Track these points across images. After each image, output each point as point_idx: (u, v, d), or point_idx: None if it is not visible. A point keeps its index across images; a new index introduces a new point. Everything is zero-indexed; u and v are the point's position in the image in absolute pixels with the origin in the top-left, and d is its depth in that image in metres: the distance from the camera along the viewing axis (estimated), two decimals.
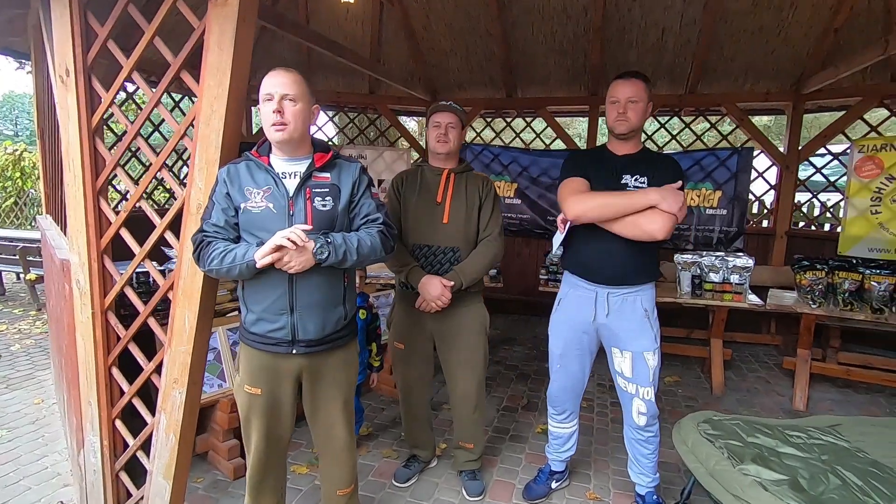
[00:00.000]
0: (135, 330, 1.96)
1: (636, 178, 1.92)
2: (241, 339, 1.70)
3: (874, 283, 2.96)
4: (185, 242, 1.73)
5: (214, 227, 1.56)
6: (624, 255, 1.92)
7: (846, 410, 3.29)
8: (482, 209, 2.13)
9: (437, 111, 2.10)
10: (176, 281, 1.79)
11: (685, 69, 4.59)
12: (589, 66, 4.77)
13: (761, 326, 4.58)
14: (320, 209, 1.58)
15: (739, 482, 1.66)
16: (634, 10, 4.22)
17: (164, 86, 1.73)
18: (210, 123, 1.65)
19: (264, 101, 1.54)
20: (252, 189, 1.56)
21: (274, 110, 1.51)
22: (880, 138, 4.10)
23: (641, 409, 2.02)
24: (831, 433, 2.08)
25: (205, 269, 1.55)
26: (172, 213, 1.80)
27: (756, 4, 3.94)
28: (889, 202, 4.04)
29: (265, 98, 1.54)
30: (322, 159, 1.63)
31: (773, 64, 4.32)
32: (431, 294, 2.03)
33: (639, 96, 1.92)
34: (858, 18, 3.83)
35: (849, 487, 1.67)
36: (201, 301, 1.77)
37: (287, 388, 1.68)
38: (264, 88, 1.55)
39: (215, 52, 1.61)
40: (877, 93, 4.08)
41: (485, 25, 4.67)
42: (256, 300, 1.60)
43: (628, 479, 2.50)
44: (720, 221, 4.65)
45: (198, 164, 1.69)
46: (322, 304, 1.62)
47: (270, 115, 1.52)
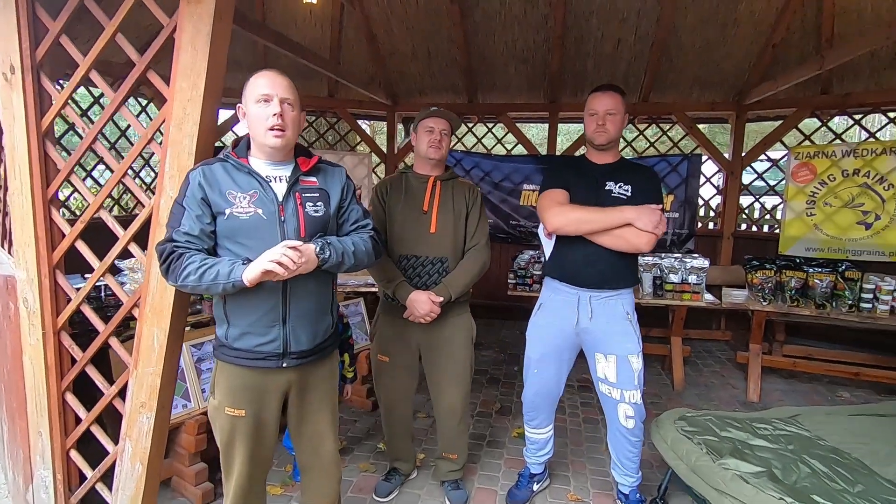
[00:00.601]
0: (94, 351, 1.80)
1: (619, 185, 1.98)
2: (220, 357, 1.58)
3: (817, 281, 3.19)
4: (153, 256, 1.61)
5: (186, 237, 1.42)
6: (607, 260, 1.97)
7: (793, 399, 3.53)
8: (469, 218, 2.11)
9: (429, 116, 2.03)
10: (143, 296, 1.66)
11: (639, 79, 4.79)
12: (548, 74, 4.88)
13: (712, 323, 4.85)
14: (313, 215, 1.51)
15: (721, 476, 1.73)
16: (592, 22, 4.36)
17: (129, 86, 1.61)
18: (183, 128, 1.55)
19: (258, 102, 1.45)
20: (236, 193, 1.46)
21: (275, 113, 1.43)
22: (813, 146, 4.45)
23: (629, 412, 2.05)
24: (793, 423, 2.21)
25: (176, 283, 1.42)
26: (139, 223, 1.67)
27: (703, 20, 4.17)
28: (822, 205, 4.38)
29: (260, 99, 1.45)
30: (307, 163, 1.57)
31: (718, 76, 4.59)
32: (420, 311, 1.99)
33: (616, 108, 1.98)
34: (793, 36, 4.14)
35: (817, 475, 1.78)
36: (172, 318, 1.65)
37: (273, 406, 1.59)
38: (259, 89, 1.45)
39: (188, 51, 1.51)
40: (809, 104, 4.43)
41: (447, 31, 4.68)
42: (243, 313, 1.50)
43: (606, 479, 2.57)
44: (673, 224, 4.88)
45: (168, 171, 1.57)
46: (314, 313, 1.56)
47: (269, 118, 1.44)
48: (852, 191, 4.25)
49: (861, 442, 2.05)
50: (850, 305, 3.12)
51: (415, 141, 2.11)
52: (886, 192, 4.12)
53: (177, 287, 1.46)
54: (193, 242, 1.43)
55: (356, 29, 4.79)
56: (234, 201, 1.45)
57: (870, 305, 3.09)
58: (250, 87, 1.48)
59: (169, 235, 1.43)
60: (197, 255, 1.41)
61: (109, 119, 1.67)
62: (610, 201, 1.96)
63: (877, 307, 3.08)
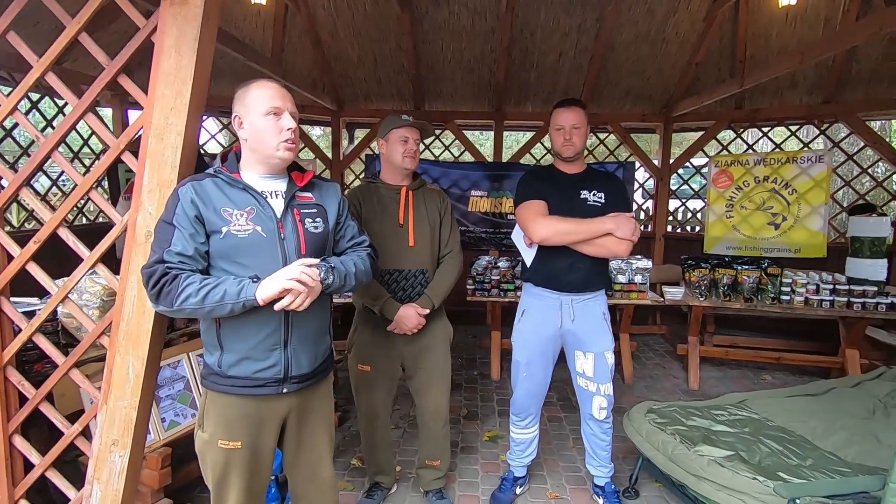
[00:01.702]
0: (49, 388, 1.60)
1: (594, 192, 2.10)
2: (210, 387, 1.45)
3: (745, 277, 3.56)
4: (129, 277, 1.47)
5: (180, 258, 1.31)
6: (587, 266, 2.09)
7: (726, 384, 3.89)
8: (442, 226, 2.13)
9: (403, 126, 2.00)
10: (115, 323, 1.51)
11: (578, 90, 5.06)
12: (494, 84, 5.02)
13: (648, 318, 5.22)
14: (313, 231, 1.46)
15: (698, 463, 1.88)
16: (537, 35, 4.55)
17: (96, 92, 1.46)
18: (164, 138, 1.43)
19: (267, 115, 1.37)
20: (231, 210, 1.37)
21: (290, 128, 1.39)
22: (730, 155, 4.95)
23: (602, 404, 2.18)
24: (744, 408, 2.45)
25: (171, 308, 1.30)
26: (108, 242, 1.52)
27: (637, 37, 4.50)
28: (739, 208, 4.88)
29: (269, 111, 1.37)
30: (302, 178, 1.51)
31: (649, 90, 4.97)
32: (409, 325, 2.00)
33: (581, 122, 2.10)
34: (712, 56, 4.58)
35: (775, 453, 1.99)
36: (150, 345, 1.52)
37: (272, 435, 1.51)
38: (268, 101, 1.38)
39: (172, 57, 1.40)
40: (726, 118, 4.92)
41: (395, 38, 4.67)
42: (240, 338, 1.40)
43: (579, 474, 2.69)
44: None
45: (147, 185, 1.45)
46: (315, 334, 1.50)
47: (284, 132, 1.38)
48: (763, 195, 4.78)
49: (800, 420, 2.32)
50: (773, 298, 3.51)
51: (384, 149, 2.04)
52: (791, 196, 4.68)
53: (169, 312, 1.34)
54: (187, 263, 1.32)
55: (300, 32, 4.63)
56: (231, 219, 1.36)
57: (788, 297, 3.49)
58: (255, 98, 1.39)
59: (159, 257, 1.31)
60: (195, 276, 1.31)
61: (71, 129, 1.50)
62: (586, 209, 2.07)
63: (794, 299, 3.48)
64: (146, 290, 1.31)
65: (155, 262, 1.31)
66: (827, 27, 4.11)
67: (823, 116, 4.61)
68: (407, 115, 2.03)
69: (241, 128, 1.41)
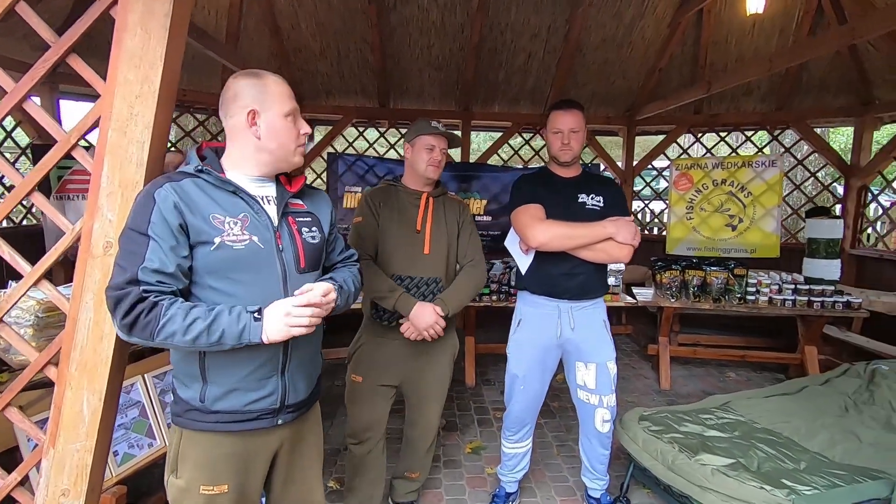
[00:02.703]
0: None
1: (592, 196, 2.02)
2: (187, 425, 1.24)
3: (714, 279, 3.64)
4: (83, 296, 1.24)
5: (158, 276, 1.09)
6: (586, 272, 2.01)
7: (694, 383, 3.98)
8: (460, 235, 2.04)
9: (431, 133, 1.89)
10: (65, 351, 1.26)
11: (545, 92, 5.05)
12: (461, 83, 4.91)
13: (613, 318, 5.29)
14: (311, 242, 1.30)
15: (702, 473, 1.85)
16: (507, 35, 4.48)
17: (40, 76, 1.21)
18: (127, 132, 1.21)
19: (287, 116, 1.24)
20: (222, 217, 1.16)
21: (305, 132, 1.29)
22: (690, 159, 5.10)
23: (605, 416, 2.10)
24: (729, 410, 2.47)
25: (150, 341, 1.08)
26: (56, 254, 1.27)
27: (604, 41, 4.53)
28: (698, 210, 5.04)
29: (290, 113, 1.25)
30: (295, 183, 1.34)
31: (614, 93, 5.03)
32: (424, 323, 1.85)
33: (579, 126, 2.03)
34: (675, 62, 4.69)
35: (771, 458, 1.99)
36: (110, 377, 1.28)
37: (260, 473, 1.32)
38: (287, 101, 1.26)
39: (138, 35, 1.19)
40: (685, 122, 5.07)
41: (360, 32, 4.46)
42: (229, 368, 1.20)
43: (567, 484, 2.62)
44: None
45: (106, 186, 1.22)
46: (310, 357, 1.35)
47: (300, 137, 1.28)
48: (721, 198, 4.96)
49: (783, 421, 2.36)
50: (740, 298, 3.61)
51: (409, 154, 1.96)
52: (746, 199, 4.87)
53: (148, 346, 1.12)
54: (167, 283, 1.10)
55: (258, 19, 4.33)
56: (224, 227, 1.16)
57: (754, 297, 3.60)
58: (276, 95, 1.22)
59: (131, 276, 1.07)
60: (177, 306, 1.09)
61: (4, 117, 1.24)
62: (584, 213, 2.00)
63: (759, 299, 3.60)
64: (114, 319, 1.09)
65: (126, 282, 1.07)
66: (781, 37, 4.30)
67: (775, 123, 4.83)
68: (437, 123, 1.92)
69: (255, 124, 1.21)
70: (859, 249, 4.34)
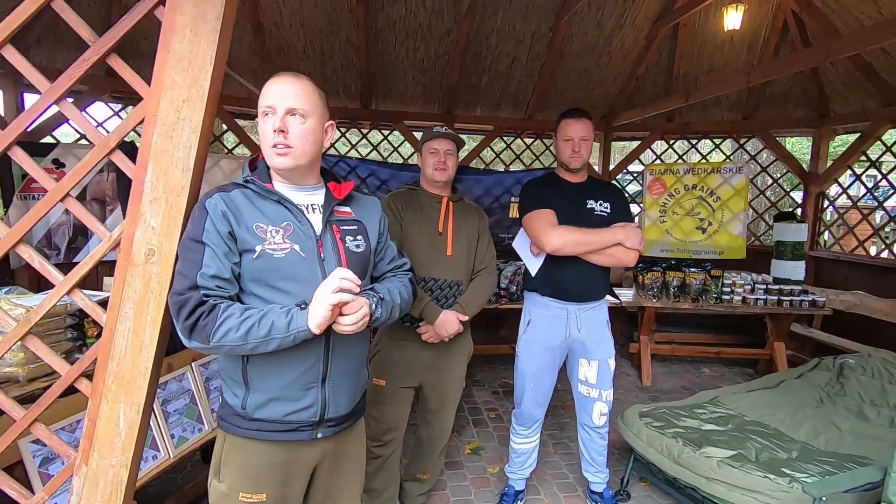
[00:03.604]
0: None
1: (599, 202, 2.11)
2: (231, 430, 1.25)
3: (692, 280, 3.84)
4: (122, 307, 1.20)
5: (216, 282, 1.12)
6: (594, 275, 2.10)
7: (673, 379, 4.17)
8: (479, 241, 2.09)
9: (433, 138, 1.97)
10: (101, 363, 1.22)
11: (527, 96, 5.15)
12: (445, 86, 4.94)
13: None
14: (354, 251, 1.28)
15: (708, 465, 1.96)
16: (492, 39, 4.54)
17: (77, 76, 1.16)
18: (174, 136, 1.18)
19: (264, 116, 1.19)
20: (265, 226, 1.17)
21: (275, 129, 1.17)
22: (663, 164, 5.33)
23: (603, 410, 2.20)
24: (719, 405, 2.61)
25: (207, 344, 1.09)
26: (92, 263, 1.22)
27: (585, 49, 4.67)
28: (671, 213, 5.26)
29: (265, 112, 1.19)
30: (341, 190, 1.33)
31: (592, 99, 5.19)
32: (449, 331, 1.93)
33: (589, 134, 2.11)
34: (650, 71, 4.89)
35: (765, 448, 2.13)
36: (148, 390, 1.25)
37: (300, 486, 1.31)
38: (264, 99, 1.20)
39: (187, 38, 1.16)
40: (659, 129, 5.29)
41: (346, 32, 4.42)
42: (272, 375, 1.20)
43: (567, 480, 2.71)
44: None
45: (150, 192, 1.18)
46: (354, 370, 1.33)
47: (270, 135, 1.18)
48: (692, 202, 5.19)
49: (769, 413, 2.52)
50: (716, 298, 3.81)
51: (421, 162, 2.04)
52: (715, 203, 5.13)
53: (204, 349, 1.11)
54: (224, 288, 1.13)
55: (241, 16, 4.20)
56: (266, 236, 1.16)
57: (729, 297, 3.81)
58: (260, 98, 1.22)
59: (191, 282, 1.10)
60: (234, 307, 1.10)
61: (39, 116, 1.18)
62: (593, 218, 2.08)
63: (733, 298, 3.82)
64: (177, 323, 1.10)
65: (188, 288, 1.09)
66: (749, 53, 4.57)
67: (741, 132, 5.12)
68: (440, 127, 1.98)
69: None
70: (817, 251, 4.66)
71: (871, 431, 2.32)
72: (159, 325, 1.22)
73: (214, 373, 2.35)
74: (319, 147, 1.26)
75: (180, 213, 1.20)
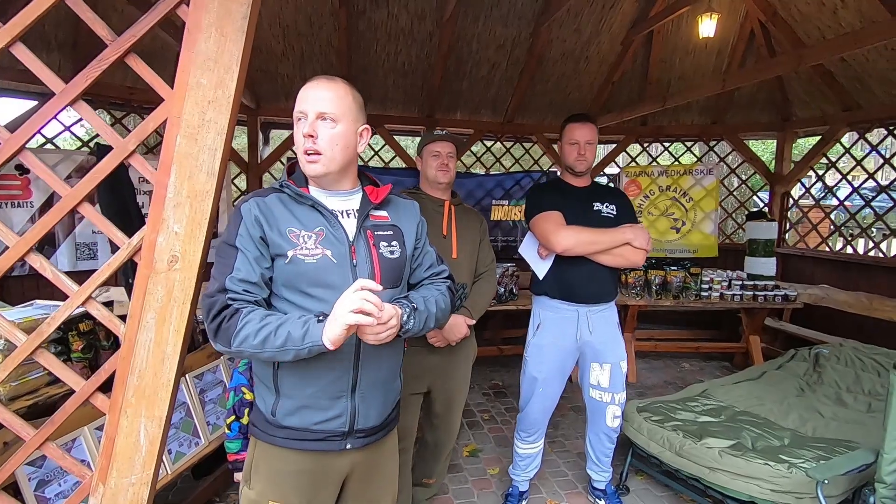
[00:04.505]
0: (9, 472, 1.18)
1: (606, 205, 2.15)
2: (261, 437, 1.23)
3: (673, 277, 3.96)
4: (143, 316, 1.15)
5: (244, 285, 1.10)
6: (604, 276, 2.13)
7: (656, 375, 4.29)
8: (481, 244, 2.11)
9: (435, 141, 1.98)
10: (120, 376, 1.16)
11: (506, 101, 5.21)
12: (427, 90, 4.96)
13: None
14: (388, 257, 1.26)
15: (711, 455, 2.03)
16: (473, 44, 4.59)
17: (94, 76, 1.11)
18: (198, 139, 1.14)
19: (297, 121, 1.18)
20: (298, 231, 1.16)
21: (305, 134, 1.15)
22: (638, 167, 5.50)
23: (616, 412, 2.23)
24: (709, 397, 2.71)
25: (228, 349, 1.08)
26: (110, 271, 1.17)
27: (563, 54, 4.78)
28: (647, 214, 5.43)
29: (298, 118, 1.18)
30: (378, 194, 1.30)
31: (569, 104, 5.30)
32: (458, 335, 1.95)
33: (594, 138, 2.16)
34: (626, 77, 5.04)
35: (759, 437, 2.22)
36: (171, 402, 1.20)
37: (330, 496, 1.28)
38: (298, 104, 1.18)
39: (213, 37, 1.13)
40: (633, 133, 5.45)
41: (326, 35, 4.37)
42: (301, 382, 1.18)
43: (567, 478, 2.74)
44: None
45: (173, 197, 1.14)
46: (385, 381, 1.29)
47: (301, 140, 1.17)
48: (666, 203, 5.39)
49: (757, 403, 2.63)
50: (696, 295, 3.96)
51: (420, 166, 2.04)
52: (688, 203, 5.33)
53: (228, 353, 1.08)
54: (251, 293, 1.11)
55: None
56: (298, 241, 1.15)
57: (707, 294, 3.96)
58: (296, 102, 1.20)
59: (220, 284, 1.09)
60: (256, 312, 1.08)
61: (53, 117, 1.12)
62: (600, 220, 2.12)
63: (712, 294, 3.97)
64: (205, 324, 1.09)
65: (217, 290, 1.09)
66: (717, 59, 4.78)
67: (711, 135, 5.34)
68: (441, 130, 2.01)
69: None
70: (784, 248, 4.90)
71: (852, 417, 2.45)
72: (182, 335, 1.18)
73: (209, 384, 2.29)
74: (352, 152, 1.23)
75: (205, 218, 1.16)
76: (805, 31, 3.99)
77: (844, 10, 3.59)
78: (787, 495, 1.84)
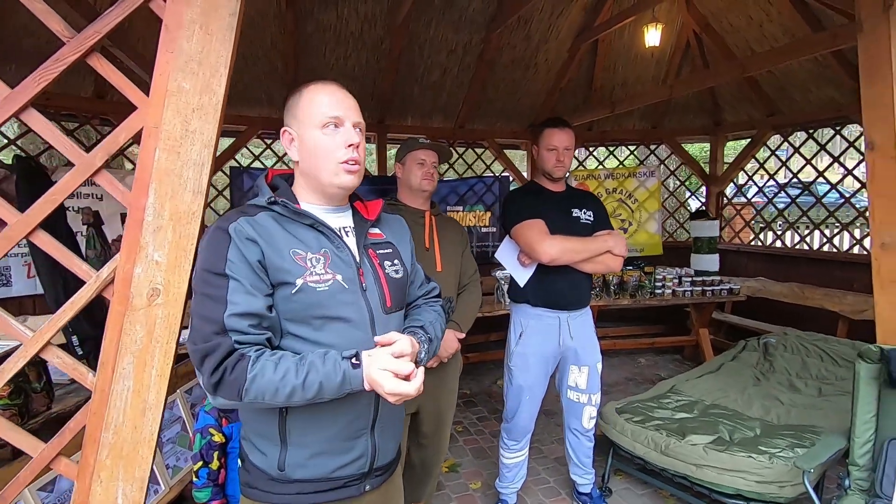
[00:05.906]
0: None
1: (584, 211, 2.16)
2: (259, 497, 1.06)
3: (629, 277, 4.10)
4: (119, 362, 0.98)
5: (249, 321, 0.93)
6: (583, 283, 2.15)
7: (616, 371, 4.42)
8: (464, 255, 2.04)
9: (420, 148, 1.89)
10: (90, 437, 0.98)
11: (457, 106, 5.20)
12: (377, 95, 4.83)
13: None
14: (394, 277, 1.16)
15: (696, 452, 2.07)
16: (425, 48, 4.53)
17: (49, 80, 0.93)
18: (181, 152, 0.99)
19: (324, 127, 1.05)
20: (304, 254, 1.02)
21: (352, 143, 1.05)
22: (586, 170, 5.67)
23: (591, 413, 2.25)
24: (679, 393, 2.80)
25: (238, 402, 0.91)
26: (73, 312, 0.98)
27: (514, 61, 4.83)
28: None
29: (328, 122, 1.05)
30: (371, 209, 1.20)
31: (519, 109, 5.38)
32: (449, 351, 1.89)
33: (572, 144, 2.17)
34: (571, 83, 5.18)
35: (734, 428, 2.31)
36: (154, 461, 1.03)
37: None
38: (324, 108, 1.07)
39: (196, 36, 0.99)
40: (581, 137, 5.61)
41: (270, 37, 4.14)
42: (315, 427, 1.04)
43: (549, 484, 2.73)
44: (493, 238, 5.47)
45: (153, 220, 0.98)
46: (398, 411, 1.19)
47: (343, 150, 1.05)
48: (613, 204, 5.58)
49: (722, 395, 2.75)
50: (650, 293, 4.11)
51: (400, 173, 1.95)
52: (633, 204, 5.56)
53: (233, 406, 0.93)
54: (260, 328, 0.95)
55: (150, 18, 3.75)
56: (307, 265, 1.01)
57: (661, 291, 4.13)
58: (308, 106, 1.07)
59: (218, 325, 0.90)
60: (265, 357, 0.92)
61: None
62: (579, 227, 2.13)
63: (665, 292, 4.14)
64: (201, 377, 0.90)
65: (214, 333, 0.89)
66: (657, 68, 5.03)
67: (651, 139, 5.62)
68: (424, 138, 1.94)
69: (292, 146, 1.09)
70: (720, 244, 5.23)
71: (808, 402, 2.62)
72: (167, 379, 1.01)
73: (198, 398, 2.20)
74: None
75: (191, 244, 1.00)
76: (734, 43, 4.29)
77: (770, 24, 3.89)
78: (770, 485, 1.92)
